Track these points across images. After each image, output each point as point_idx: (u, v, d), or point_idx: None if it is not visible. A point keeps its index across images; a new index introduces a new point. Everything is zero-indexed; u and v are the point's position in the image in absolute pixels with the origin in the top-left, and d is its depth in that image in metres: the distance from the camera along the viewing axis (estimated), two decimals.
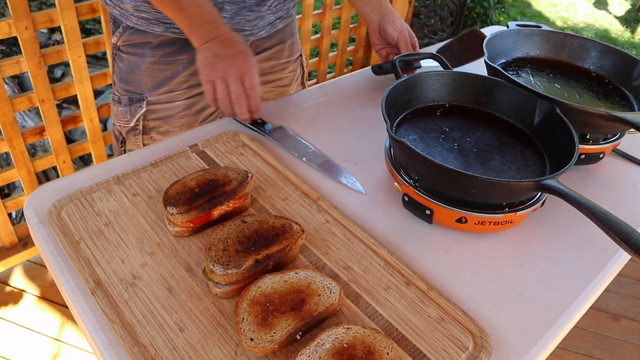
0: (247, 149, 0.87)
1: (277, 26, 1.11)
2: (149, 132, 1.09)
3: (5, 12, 2.67)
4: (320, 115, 1.02)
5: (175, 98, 1.06)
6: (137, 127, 1.08)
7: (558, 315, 0.66)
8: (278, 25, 1.11)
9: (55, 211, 0.72)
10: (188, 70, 1.03)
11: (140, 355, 0.56)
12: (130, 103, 1.06)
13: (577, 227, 0.80)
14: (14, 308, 1.75)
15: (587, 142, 0.88)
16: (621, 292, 2.07)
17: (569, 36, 1.04)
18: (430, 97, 0.90)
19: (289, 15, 1.14)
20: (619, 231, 0.59)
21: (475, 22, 3.82)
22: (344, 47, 2.72)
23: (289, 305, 0.59)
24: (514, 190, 0.70)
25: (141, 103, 1.05)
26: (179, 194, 0.71)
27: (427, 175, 0.74)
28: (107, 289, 0.63)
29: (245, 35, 1.05)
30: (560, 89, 0.97)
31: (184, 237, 0.70)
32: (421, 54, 1.01)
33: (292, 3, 1.12)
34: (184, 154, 0.85)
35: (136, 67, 1.03)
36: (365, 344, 0.55)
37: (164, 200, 0.70)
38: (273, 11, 1.06)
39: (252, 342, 0.55)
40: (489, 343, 0.60)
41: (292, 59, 1.24)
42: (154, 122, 1.08)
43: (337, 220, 0.75)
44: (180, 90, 1.06)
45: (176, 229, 0.70)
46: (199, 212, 0.69)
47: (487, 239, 0.77)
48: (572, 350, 1.85)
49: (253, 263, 0.63)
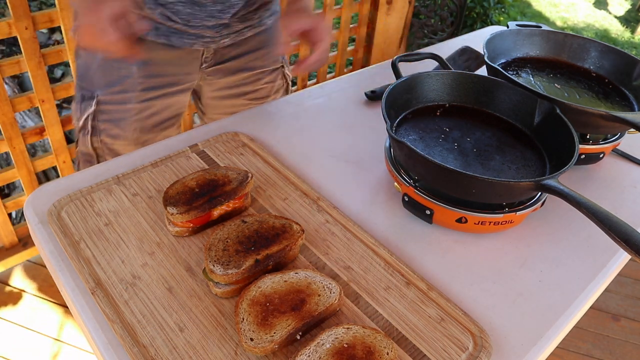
0: (247, 149, 0.87)
1: (245, 34, 1.06)
2: (99, 134, 1.04)
3: (5, 12, 2.67)
4: (321, 116, 1.02)
5: (129, 100, 1.01)
6: (86, 127, 1.03)
7: (558, 315, 0.66)
8: (246, 34, 1.06)
9: (55, 211, 0.72)
10: (144, 71, 1.00)
11: (140, 355, 0.56)
12: (82, 100, 1.02)
13: (577, 227, 0.80)
14: (14, 308, 1.75)
15: (587, 142, 0.88)
16: (621, 292, 2.07)
17: (569, 36, 1.04)
18: (430, 97, 0.90)
19: (262, 25, 1.08)
20: (619, 231, 0.59)
21: (475, 22, 3.82)
22: (344, 47, 2.72)
23: (289, 305, 0.59)
24: (514, 190, 0.70)
25: (91, 101, 1.00)
26: (179, 194, 0.71)
27: (427, 175, 0.74)
28: (107, 289, 0.63)
29: (205, 41, 1.00)
30: (560, 89, 0.97)
31: (184, 237, 0.70)
32: (421, 54, 1.01)
33: (266, 13, 1.07)
34: (184, 154, 0.85)
35: (91, 63, 0.99)
36: (365, 344, 0.55)
37: (164, 200, 0.70)
38: (240, 20, 1.01)
39: (252, 342, 0.55)
40: (489, 343, 0.60)
41: (268, 70, 1.17)
42: (104, 124, 1.03)
43: (337, 220, 0.75)
44: (135, 92, 1.00)
45: (176, 229, 0.70)
46: (198, 212, 0.69)
47: (487, 239, 0.77)
48: (572, 350, 1.85)
49: (253, 263, 0.63)
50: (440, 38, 3.31)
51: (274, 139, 0.93)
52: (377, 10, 2.70)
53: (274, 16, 1.10)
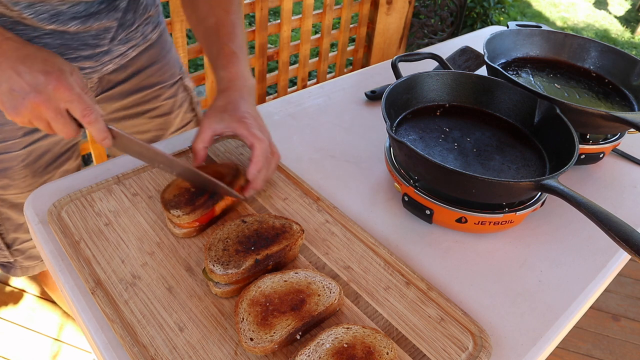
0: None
1: (130, 55, 0.95)
2: None
3: None
4: (321, 116, 1.02)
5: (10, 148, 0.88)
6: None
7: (558, 315, 0.66)
8: (131, 55, 0.95)
9: (56, 211, 0.72)
10: None
11: (140, 355, 0.56)
12: None
13: (577, 227, 0.80)
14: (14, 308, 1.75)
15: (587, 142, 0.88)
16: (621, 292, 2.07)
17: (569, 36, 1.04)
18: (430, 97, 0.90)
19: (147, 40, 0.98)
20: (619, 231, 0.59)
21: (475, 22, 3.82)
22: (344, 47, 2.72)
23: (288, 305, 0.59)
24: (514, 190, 0.70)
25: None
26: (176, 196, 0.71)
27: (427, 175, 0.74)
28: (107, 289, 0.63)
29: (86, 73, 0.88)
30: (560, 89, 0.97)
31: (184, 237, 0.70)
32: (421, 54, 1.01)
33: (149, 27, 0.97)
34: (184, 154, 0.85)
35: None
36: (365, 344, 0.55)
37: (163, 205, 0.70)
38: (122, 42, 0.90)
39: (252, 342, 0.55)
40: (489, 343, 0.60)
41: (167, 84, 1.07)
42: None
43: (337, 220, 0.75)
44: (16, 139, 0.88)
45: (183, 231, 0.69)
46: (204, 210, 0.69)
47: (487, 239, 0.77)
48: (572, 350, 1.85)
49: (253, 263, 0.63)
50: (440, 38, 3.31)
51: (274, 139, 0.93)
52: (377, 10, 2.70)
53: (158, 28, 1.01)
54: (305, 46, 2.50)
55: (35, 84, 0.62)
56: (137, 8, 0.91)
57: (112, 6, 0.85)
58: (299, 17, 2.40)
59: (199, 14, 0.86)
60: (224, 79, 0.79)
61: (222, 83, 0.79)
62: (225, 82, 0.79)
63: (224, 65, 0.80)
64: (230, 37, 0.83)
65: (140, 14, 0.93)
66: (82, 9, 0.80)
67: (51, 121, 0.64)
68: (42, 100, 0.62)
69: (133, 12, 0.91)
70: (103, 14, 0.83)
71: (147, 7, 0.95)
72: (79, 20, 0.80)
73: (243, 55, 0.82)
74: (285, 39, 2.38)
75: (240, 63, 0.81)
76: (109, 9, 0.84)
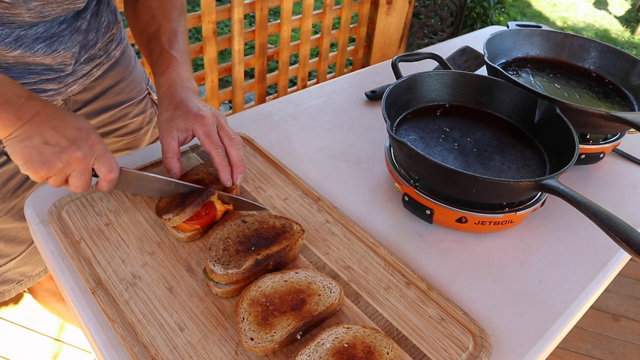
0: (247, 149, 0.87)
1: (95, 75, 0.92)
2: None
3: None
4: (321, 116, 1.02)
5: None
6: None
7: (558, 315, 0.66)
8: (96, 74, 0.92)
9: (56, 211, 0.72)
10: None
11: (140, 355, 0.56)
12: None
13: (577, 227, 0.80)
14: (14, 308, 1.75)
15: (587, 142, 0.88)
16: (621, 292, 2.07)
17: (569, 36, 1.04)
18: (430, 97, 0.90)
19: (110, 58, 0.95)
20: (619, 231, 0.59)
21: (475, 22, 3.82)
22: (344, 47, 2.72)
23: (289, 305, 0.59)
24: (514, 190, 0.70)
25: None
26: (169, 203, 0.71)
27: (427, 175, 0.74)
28: (108, 289, 0.63)
29: (49, 95, 0.84)
30: (560, 89, 0.97)
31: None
32: (421, 54, 1.01)
33: (112, 44, 0.94)
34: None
35: None
36: (365, 344, 0.55)
37: (157, 214, 0.70)
38: (85, 62, 0.88)
39: (252, 342, 0.55)
40: (489, 343, 0.60)
41: (135, 101, 1.03)
42: None
43: (337, 220, 0.75)
44: None
45: (187, 234, 0.69)
46: (194, 208, 0.69)
47: (487, 239, 0.77)
48: (572, 350, 1.85)
49: (253, 263, 0.63)
50: (440, 38, 3.31)
51: (274, 139, 0.93)
52: (377, 10, 2.70)
53: (121, 45, 0.98)
54: (305, 46, 2.51)
55: (74, 138, 0.64)
56: (99, 27, 0.89)
57: (74, 27, 0.82)
58: (299, 17, 2.40)
59: (141, 22, 0.86)
60: (164, 85, 0.77)
61: (162, 88, 0.77)
62: (165, 87, 0.77)
63: (163, 71, 0.78)
64: (170, 43, 0.81)
65: (102, 32, 0.90)
66: (43, 30, 0.77)
67: (76, 176, 0.65)
68: (81, 155, 0.63)
69: (95, 31, 0.88)
70: (66, 36, 0.81)
71: (109, 24, 0.92)
72: (44, 44, 0.78)
73: (184, 61, 0.80)
74: (285, 39, 2.38)
75: (180, 67, 0.79)
76: (70, 30, 0.81)
